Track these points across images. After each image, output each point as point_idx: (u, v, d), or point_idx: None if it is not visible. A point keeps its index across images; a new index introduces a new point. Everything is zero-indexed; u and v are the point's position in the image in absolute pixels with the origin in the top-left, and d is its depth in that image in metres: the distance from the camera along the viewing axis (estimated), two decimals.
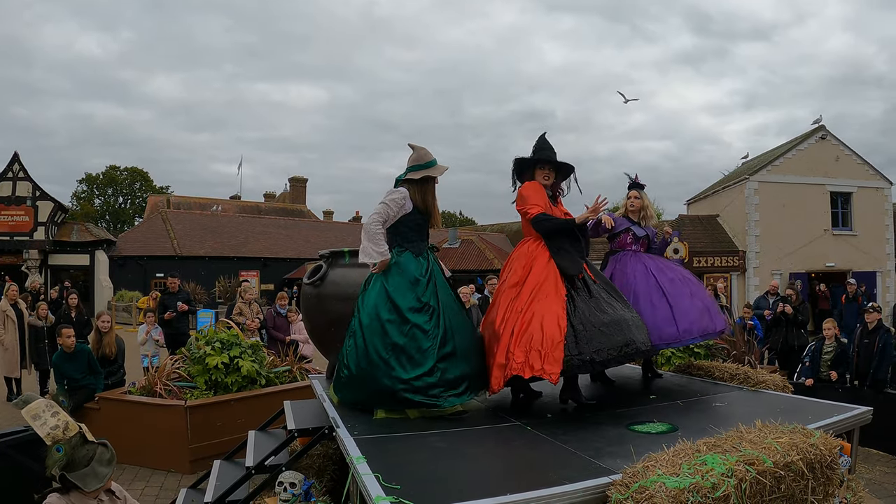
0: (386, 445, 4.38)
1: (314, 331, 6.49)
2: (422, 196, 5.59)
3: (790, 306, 13.95)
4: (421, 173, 5.58)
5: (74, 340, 10.04)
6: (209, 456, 7.71)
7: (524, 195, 5.90)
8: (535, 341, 5.17)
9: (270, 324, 13.29)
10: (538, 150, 6.03)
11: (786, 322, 13.92)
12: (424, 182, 5.62)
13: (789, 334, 13.79)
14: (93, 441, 4.28)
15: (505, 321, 5.46)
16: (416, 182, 5.58)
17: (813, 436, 3.88)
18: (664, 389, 6.52)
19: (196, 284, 34.73)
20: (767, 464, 3.44)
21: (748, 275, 29.32)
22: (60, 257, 36.37)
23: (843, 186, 30.36)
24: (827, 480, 3.78)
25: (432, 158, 5.66)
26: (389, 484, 3.41)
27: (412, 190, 5.56)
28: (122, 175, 76.40)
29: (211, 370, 9.29)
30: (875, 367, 10.78)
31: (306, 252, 40.98)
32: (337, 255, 6.31)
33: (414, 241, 5.58)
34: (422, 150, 5.69)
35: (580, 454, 4.10)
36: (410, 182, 5.59)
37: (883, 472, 9.16)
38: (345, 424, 4.83)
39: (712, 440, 3.78)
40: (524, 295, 5.53)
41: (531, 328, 5.26)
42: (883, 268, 30.44)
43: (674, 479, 3.19)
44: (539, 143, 6.07)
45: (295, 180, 60.22)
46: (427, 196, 5.63)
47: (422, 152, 5.66)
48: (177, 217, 43.92)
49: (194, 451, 8.72)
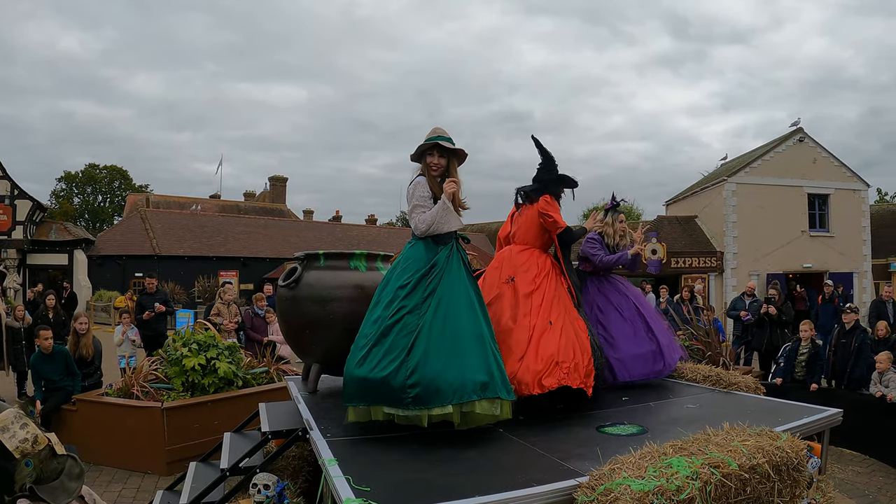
0: (359, 447, 4.41)
1: (289, 332, 6.49)
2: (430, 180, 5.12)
3: (774, 307, 14.08)
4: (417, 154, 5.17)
5: (52, 342, 10.00)
6: (186, 457, 7.71)
7: (550, 210, 6.06)
8: (577, 353, 5.39)
9: (248, 324, 13.31)
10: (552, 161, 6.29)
11: (770, 323, 14.05)
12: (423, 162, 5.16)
13: (773, 334, 13.92)
14: (62, 454, 4.27)
15: (532, 328, 5.49)
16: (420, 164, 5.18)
17: (780, 438, 3.94)
18: (637, 391, 6.57)
19: (175, 284, 34.65)
20: (733, 466, 3.48)
21: (726, 275, 29.50)
22: (39, 257, 36.07)
23: (820, 188, 30.62)
24: (793, 482, 3.83)
25: (434, 135, 5.11)
26: (360, 486, 3.44)
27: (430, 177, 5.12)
28: (102, 173, 75.81)
29: (188, 372, 9.27)
30: (851, 367, 10.91)
31: (286, 252, 40.83)
32: (312, 258, 6.31)
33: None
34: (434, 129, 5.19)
35: (549, 456, 4.14)
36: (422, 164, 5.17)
37: (856, 472, 9.26)
38: (318, 426, 4.84)
39: (679, 443, 3.82)
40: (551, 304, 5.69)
41: (572, 341, 5.45)
42: (859, 269, 30.69)
43: (639, 481, 3.23)
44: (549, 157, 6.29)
45: (275, 179, 59.98)
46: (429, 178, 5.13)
47: (431, 132, 5.18)
48: (156, 216, 43.68)
49: (171, 452, 8.71)
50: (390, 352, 4.53)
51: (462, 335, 4.59)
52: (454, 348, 4.51)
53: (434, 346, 4.48)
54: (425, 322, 4.57)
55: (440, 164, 5.03)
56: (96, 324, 30.37)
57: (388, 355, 4.52)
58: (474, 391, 4.40)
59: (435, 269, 4.83)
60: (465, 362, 4.48)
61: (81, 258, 36.75)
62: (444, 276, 4.81)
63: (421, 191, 5.02)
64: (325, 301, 6.01)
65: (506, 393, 4.53)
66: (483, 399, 4.43)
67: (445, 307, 4.66)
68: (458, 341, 4.54)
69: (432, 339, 4.51)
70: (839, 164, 31.03)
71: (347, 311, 5.88)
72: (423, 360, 4.43)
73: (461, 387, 4.38)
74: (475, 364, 4.50)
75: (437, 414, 4.41)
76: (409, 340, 4.51)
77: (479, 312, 4.82)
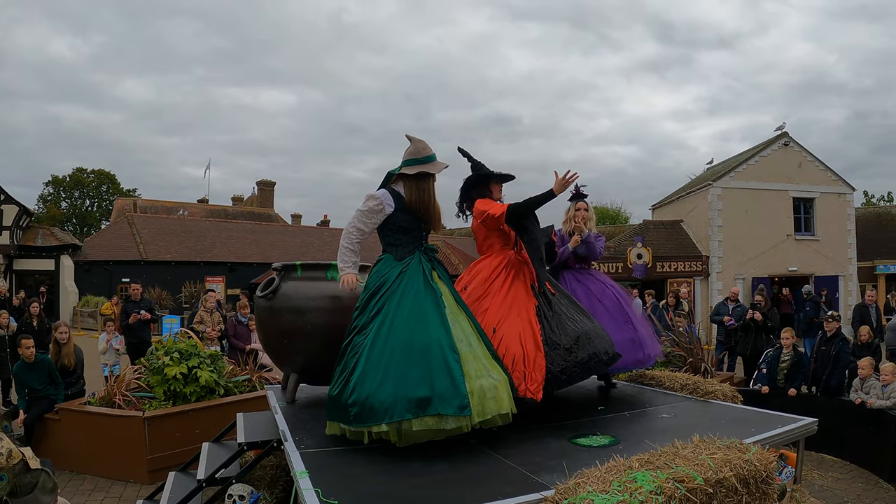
0: (331, 459, 4.42)
1: (268, 342, 6.53)
2: (417, 194, 5.12)
3: (760, 312, 14.14)
4: (416, 168, 5.10)
5: (34, 351, 9.97)
6: (168, 466, 7.70)
7: (482, 207, 5.90)
8: (518, 361, 5.23)
9: (231, 332, 13.27)
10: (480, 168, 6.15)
11: (755, 328, 14.10)
12: (420, 179, 5.14)
13: (758, 340, 13.93)
14: (36, 469, 4.29)
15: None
16: (411, 178, 5.13)
17: (749, 451, 3.95)
18: (614, 399, 6.61)
19: (162, 290, 34.59)
20: (698, 481, 3.49)
21: (711, 280, 29.56)
22: (25, 262, 36.00)
23: (805, 192, 30.74)
24: (762, 495, 3.84)
25: (431, 153, 5.15)
26: (328, 499, 3.47)
27: (407, 187, 5.14)
28: (90, 178, 75.46)
29: (169, 380, 9.26)
30: (828, 374, 10.96)
31: (273, 256, 40.73)
32: (289, 268, 6.35)
33: (399, 244, 5.18)
34: (420, 143, 5.20)
35: (519, 469, 4.14)
36: (405, 177, 5.14)
37: (835, 479, 9.30)
38: (293, 438, 4.85)
39: (646, 456, 3.82)
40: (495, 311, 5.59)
41: (512, 348, 5.31)
42: (845, 272, 30.81)
43: (603, 496, 3.24)
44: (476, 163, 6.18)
45: (263, 184, 59.90)
46: (424, 195, 5.14)
47: (420, 146, 5.17)
48: (143, 221, 43.61)
49: (153, 461, 8.73)
50: (343, 371, 4.66)
51: (403, 351, 4.50)
52: (391, 366, 4.45)
53: (372, 366, 4.48)
54: (367, 342, 4.60)
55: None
56: (83, 329, 30.43)
57: (342, 374, 4.64)
58: (407, 410, 4.32)
59: (383, 287, 4.85)
60: (402, 380, 4.40)
61: (68, 263, 36.71)
62: (393, 293, 4.80)
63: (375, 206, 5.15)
64: (303, 312, 6.04)
65: (452, 409, 4.35)
66: (425, 416, 4.33)
67: (389, 325, 4.63)
68: (397, 358, 4.48)
69: (371, 358, 4.52)
70: (824, 168, 31.14)
71: (324, 322, 5.93)
72: (361, 379, 4.47)
73: (392, 405, 4.33)
74: (415, 380, 4.40)
75: (376, 432, 4.44)
76: (353, 361, 4.59)
77: (436, 324, 4.67)
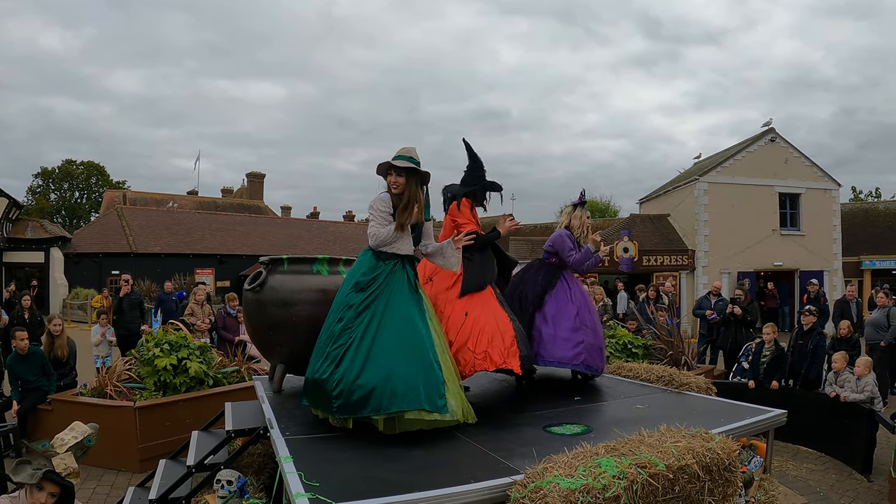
0: (314, 445, 4.60)
1: (255, 334, 6.69)
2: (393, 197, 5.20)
3: (739, 307, 14.34)
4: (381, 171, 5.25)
5: (28, 343, 10.12)
6: (158, 455, 7.80)
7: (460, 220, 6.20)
8: (496, 336, 5.63)
9: (220, 324, 13.42)
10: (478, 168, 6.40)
11: (735, 322, 14.29)
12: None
13: (738, 334, 14.13)
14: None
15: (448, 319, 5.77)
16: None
17: (713, 439, 4.12)
18: (591, 390, 6.78)
19: (151, 282, 34.62)
20: (660, 467, 3.65)
21: (697, 273, 29.71)
22: (15, 255, 36.02)
23: (791, 187, 30.92)
24: (725, 482, 4.01)
25: (397, 155, 5.20)
26: (310, 482, 3.66)
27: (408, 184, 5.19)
28: (79, 169, 75.23)
29: (160, 371, 9.46)
30: (806, 368, 11.18)
31: (263, 249, 40.86)
32: (276, 262, 6.50)
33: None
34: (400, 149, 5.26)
35: (493, 455, 4.33)
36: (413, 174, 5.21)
37: (810, 470, 9.48)
38: (279, 425, 5.03)
39: (612, 443, 3.99)
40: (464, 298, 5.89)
41: (488, 326, 5.68)
42: (830, 267, 31.00)
43: (568, 480, 3.42)
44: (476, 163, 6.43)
45: (253, 175, 59.85)
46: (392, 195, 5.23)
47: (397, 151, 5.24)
48: (133, 213, 43.62)
49: (143, 450, 8.93)
50: (326, 359, 4.76)
51: (391, 349, 4.71)
52: (379, 362, 4.65)
53: (360, 360, 4.66)
54: (356, 336, 4.74)
55: (398, 183, 5.17)
56: (73, 321, 30.41)
57: (325, 362, 4.76)
58: (392, 403, 4.54)
59: (374, 283, 4.98)
60: (391, 375, 4.60)
61: (58, 256, 36.69)
62: (382, 291, 4.96)
63: (381, 205, 5.18)
64: (289, 304, 6.20)
65: (430, 405, 4.62)
66: (409, 410, 4.59)
67: (378, 322, 4.81)
68: (386, 355, 4.68)
69: (360, 352, 4.68)
70: (811, 164, 31.33)
71: (310, 314, 6.04)
72: (348, 371, 4.63)
73: (379, 398, 4.55)
74: (403, 376, 4.62)
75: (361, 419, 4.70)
76: (339, 352, 4.71)
77: (419, 328, 4.91)
